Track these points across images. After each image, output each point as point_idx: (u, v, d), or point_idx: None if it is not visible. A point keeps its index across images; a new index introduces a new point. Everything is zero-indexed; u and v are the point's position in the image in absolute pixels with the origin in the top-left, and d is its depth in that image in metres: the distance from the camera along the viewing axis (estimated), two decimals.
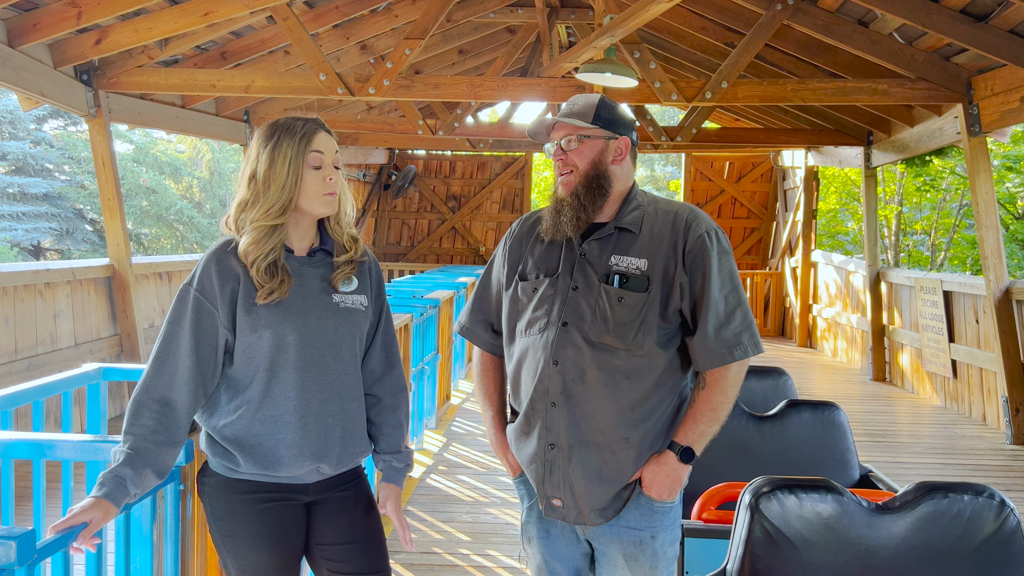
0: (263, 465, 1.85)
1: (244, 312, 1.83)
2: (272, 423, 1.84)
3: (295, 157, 1.84)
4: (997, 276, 6.07)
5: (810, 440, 3.08)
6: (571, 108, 1.94)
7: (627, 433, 1.85)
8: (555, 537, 1.97)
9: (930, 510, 1.97)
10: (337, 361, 1.89)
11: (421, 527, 4.12)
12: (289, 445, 1.84)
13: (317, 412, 1.87)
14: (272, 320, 1.83)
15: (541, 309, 1.90)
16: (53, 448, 2.09)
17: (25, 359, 5.45)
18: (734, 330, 1.84)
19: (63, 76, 6.04)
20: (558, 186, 1.94)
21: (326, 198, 1.88)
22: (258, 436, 1.84)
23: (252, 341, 1.84)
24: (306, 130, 1.86)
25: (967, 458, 5.81)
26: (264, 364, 1.84)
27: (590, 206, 1.88)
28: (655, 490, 1.87)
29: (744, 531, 1.99)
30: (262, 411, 1.84)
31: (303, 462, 1.86)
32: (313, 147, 1.85)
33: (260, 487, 1.87)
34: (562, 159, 1.92)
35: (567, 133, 1.92)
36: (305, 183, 1.85)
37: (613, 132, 1.92)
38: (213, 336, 1.83)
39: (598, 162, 1.90)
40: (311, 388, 1.86)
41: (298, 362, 1.85)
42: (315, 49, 6.32)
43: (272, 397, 1.84)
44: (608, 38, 5.18)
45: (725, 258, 1.87)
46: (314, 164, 1.86)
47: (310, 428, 1.86)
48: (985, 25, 5.39)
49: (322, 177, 1.87)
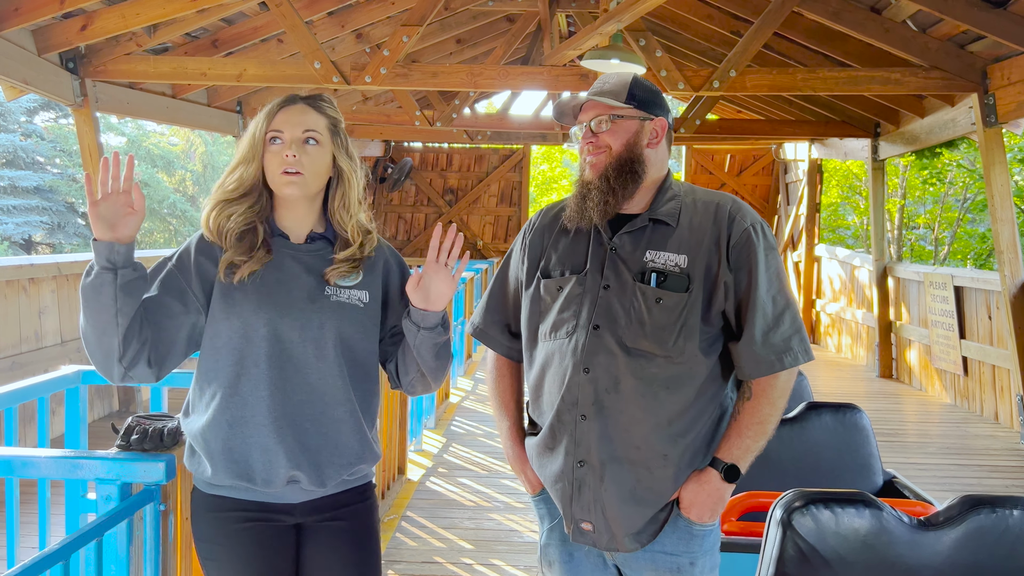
0: (235, 474, 1.66)
1: (220, 294, 1.68)
2: (242, 425, 1.66)
3: (257, 131, 1.71)
4: (1013, 271, 5.90)
5: (831, 444, 2.96)
6: (602, 87, 1.75)
7: (665, 449, 1.66)
8: (579, 562, 1.78)
9: (976, 526, 1.82)
10: (321, 360, 1.69)
11: (421, 534, 3.94)
12: (263, 450, 1.66)
13: (294, 415, 1.67)
14: (245, 307, 1.67)
15: (568, 310, 1.70)
16: (27, 465, 1.90)
17: (8, 358, 5.25)
18: (783, 334, 1.66)
19: (48, 63, 5.81)
20: (585, 168, 1.74)
21: (283, 177, 1.70)
22: (228, 439, 1.66)
23: (221, 329, 1.67)
24: (274, 105, 1.73)
25: (982, 458, 5.66)
26: (232, 356, 1.66)
27: (620, 191, 1.69)
28: (695, 512, 1.69)
29: (775, 549, 1.83)
30: (230, 410, 1.66)
31: (278, 471, 1.66)
32: (274, 122, 1.71)
33: (241, 505, 1.69)
34: (592, 141, 1.73)
35: (598, 113, 1.73)
36: (266, 159, 1.71)
37: (648, 113, 1.73)
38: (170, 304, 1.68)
39: (632, 144, 1.71)
40: (286, 387, 1.67)
41: (271, 357, 1.66)
42: (309, 37, 6.11)
43: (241, 394, 1.66)
44: (615, 24, 4.98)
45: (772, 255, 1.68)
46: (272, 137, 1.72)
47: (284, 431, 1.66)
48: (1003, 11, 5.21)
49: (278, 153, 1.70)
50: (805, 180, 11.14)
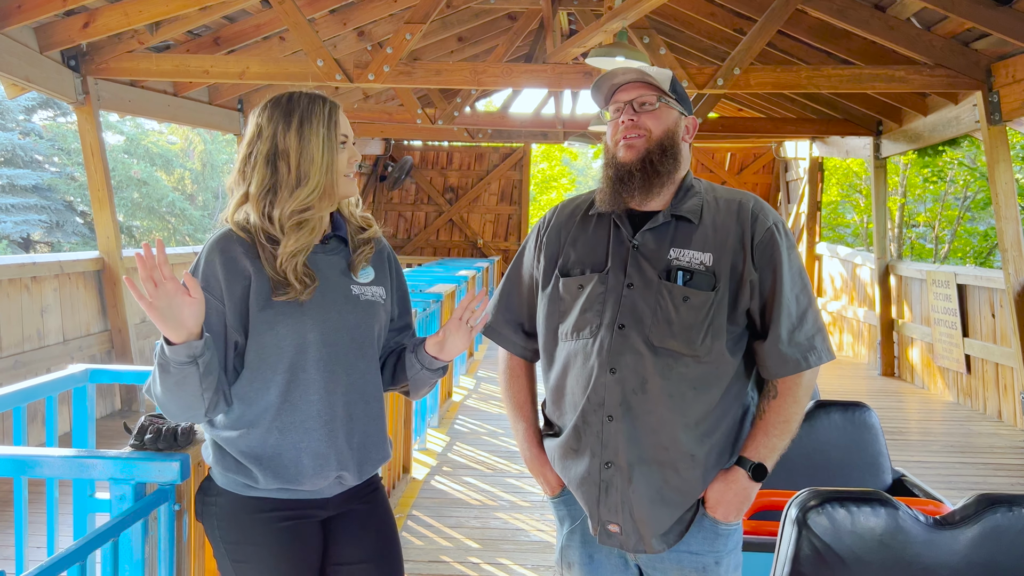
0: (284, 479, 1.65)
1: (258, 309, 1.64)
2: (293, 431, 1.65)
3: (327, 135, 1.67)
4: (1017, 269, 5.90)
5: (840, 443, 2.95)
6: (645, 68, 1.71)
7: (693, 449, 1.65)
8: (600, 563, 1.76)
9: (993, 525, 1.81)
10: (361, 359, 1.72)
11: (428, 533, 3.93)
12: (314, 455, 1.66)
13: (342, 416, 1.69)
14: (290, 316, 1.64)
15: (591, 310, 1.67)
16: (36, 465, 1.88)
17: (11, 356, 5.23)
18: (807, 333, 1.65)
19: (50, 61, 5.80)
20: (618, 150, 1.69)
21: (352, 179, 1.74)
22: (277, 446, 1.65)
23: (268, 341, 1.64)
24: (331, 106, 1.71)
25: (986, 456, 5.66)
26: (283, 366, 1.65)
27: (665, 176, 1.67)
28: (721, 511, 1.68)
29: (791, 548, 1.82)
30: (281, 418, 1.65)
31: (328, 472, 1.67)
32: (341, 124, 1.71)
33: (279, 504, 1.68)
34: (632, 119, 1.68)
35: (643, 93, 1.69)
36: (338, 163, 1.69)
37: (686, 109, 1.72)
38: (220, 334, 1.64)
39: (672, 133, 1.69)
40: (336, 390, 1.68)
41: (320, 362, 1.66)
42: (312, 34, 6.09)
43: (291, 402, 1.65)
44: (619, 21, 4.97)
45: (794, 253, 1.67)
46: (342, 141, 1.71)
47: (336, 434, 1.67)
48: (1008, 9, 5.20)
49: (348, 156, 1.72)
50: (806, 178, 11.13)
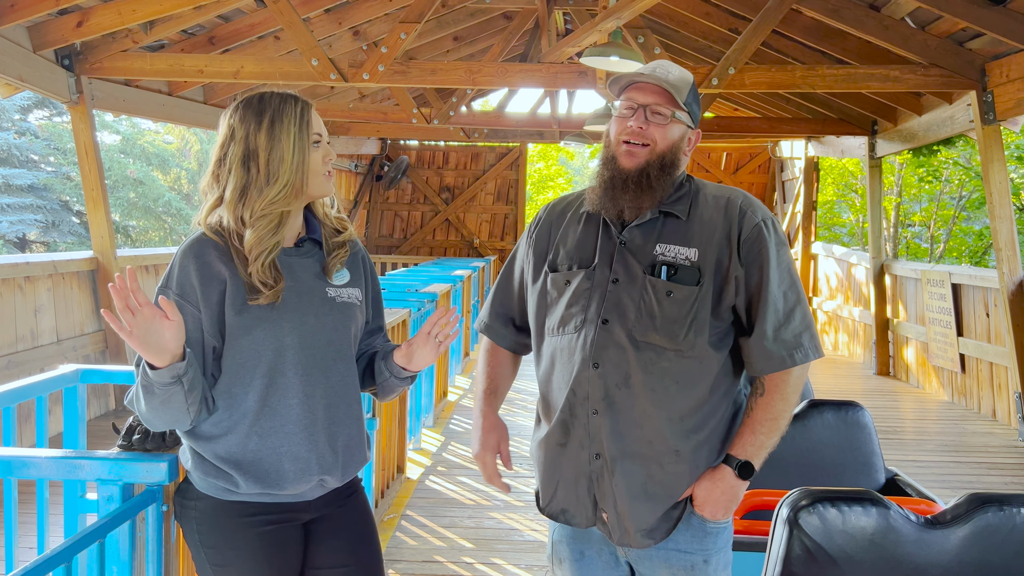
0: (266, 484, 1.64)
1: (235, 313, 1.62)
2: (272, 435, 1.64)
3: (299, 134, 1.66)
4: (1011, 268, 5.90)
5: (833, 442, 2.95)
6: (667, 76, 1.68)
7: (677, 445, 1.65)
8: (591, 560, 1.76)
9: (984, 525, 1.81)
10: (339, 361, 1.71)
11: (422, 533, 3.93)
12: (294, 459, 1.65)
13: (323, 419, 1.68)
14: (267, 321, 1.63)
15: (576, 305, 1.68)
16: (24, 466, 1.87)
17: (4, 356, 5.21)
18: (794, 331, 1.65)
19: (43, 60, 5.78)
20: (619, 154, 1.68)
21: (326, 178, 1.72)
22: (257, 451, 1.64)
23: (245, 345, 1.63)
24: (303, 105, 1.69)
25: (981, 456, 5.66)
26: (261, 370, 1.64)
27: (659, 190, 1.66)
28: (708, 509, 1.68)
29: (782, 548, 1.82)
30: (260, 423, 1.64)
31: (309, 476, 1.67)
32: (314, 123, 1.69)
33: (261, 509, 1.67)
34: (641, 127, 1.66)
35: (662, 102, 1.67)
36: (311, 162, 1.68)
37: (693, 123, 1.72)
38: (197, 341, 1.63)
39: (676, 148, 1.69)
40: (315, 393, 1.67)
41: (299, 365, 1.65)
42: (307, 33, 6.08)
43: (270, 406, 1.64)
44: (614, 20, 4.96)
45: (783, 250, 1.67)
46: (315, 140, 1.69)
47: (317, 438, 1.67)
48: (1003, 8, 5.21)
49: (322, 155, 1.70)
50: (802, 178, 11.14)
